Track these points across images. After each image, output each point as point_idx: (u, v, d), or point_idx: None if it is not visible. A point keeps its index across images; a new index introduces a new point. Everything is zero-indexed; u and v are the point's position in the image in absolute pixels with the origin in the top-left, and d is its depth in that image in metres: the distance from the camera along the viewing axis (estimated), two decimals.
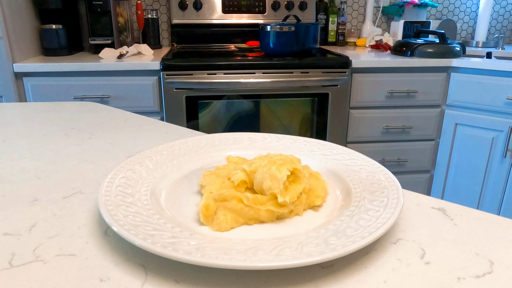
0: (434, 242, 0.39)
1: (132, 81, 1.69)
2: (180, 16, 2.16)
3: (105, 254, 0.37)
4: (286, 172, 0.42)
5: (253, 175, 0.44)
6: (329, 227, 0.38)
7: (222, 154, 0.58)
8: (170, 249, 0.33)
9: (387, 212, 0.39)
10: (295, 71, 1.71)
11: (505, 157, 1.79)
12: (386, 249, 0.38)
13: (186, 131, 0.76)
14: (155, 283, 0.33)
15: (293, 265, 0.32)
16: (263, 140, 0.61)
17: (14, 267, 0.35)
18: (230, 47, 2.18)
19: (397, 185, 0.45)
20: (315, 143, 0.59)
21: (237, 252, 0.34)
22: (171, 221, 0.39)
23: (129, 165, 0.50)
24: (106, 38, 1.89)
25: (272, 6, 2.21)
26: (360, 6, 2.41)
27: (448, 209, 0.46)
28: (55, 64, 1.65)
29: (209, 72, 1.67)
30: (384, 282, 0.34)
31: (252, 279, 0.34)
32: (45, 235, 0.40)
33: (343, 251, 0.33)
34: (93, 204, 0.47)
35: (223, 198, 0.41)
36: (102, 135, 0.74)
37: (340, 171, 0.51)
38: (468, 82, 1.81)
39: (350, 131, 1.88)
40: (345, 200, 0.45)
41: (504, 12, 2.53)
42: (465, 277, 0.34)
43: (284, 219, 0.42)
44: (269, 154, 0.46)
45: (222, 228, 0.40)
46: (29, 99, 1.69)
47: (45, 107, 0.95)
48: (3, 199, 0.48)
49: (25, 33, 1.77)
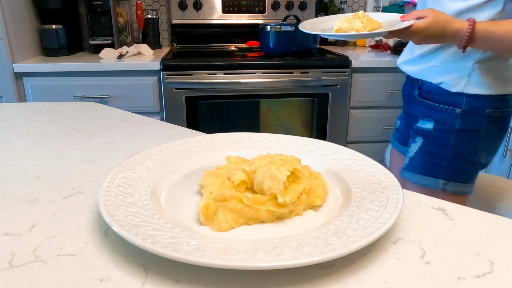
0: (434, 242, 0.39)
1: (132, 81, 1.69)
2: (180, 16, 2.16)
3: (105, 254, 0.37)
4: (286, 172, 0.42)
5: (253, 175, 0.44)
6: (329, 227, 0.38)
7: (222, 154, 0.58)
8: (170, 249, 0.33)
9: (387, 212, 0.39)
10: (295, 71, 1.71)
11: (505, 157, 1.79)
12: (386, 249, 0.38)
13: (186, 131, 0.76)
14: (155, 283, 0.33)
15: (293, 265, 0.32)
16: (263, 140, 0.61)
17: (14, 267, 0.35)
18: (230, 47, 2.18)
19: (397, 185, 0.45)
20: (315, 143, 0.59)
21: (237, 252, 0.34)
22: (171, 221, 0.39)
23: (129, 165, 0.50)
24: (106, 38, 1.89)
25: (272, 6, 2.21)
26: (360, 6, 2.41)
27: (448, 209, 0.46)
28: (55, 64, 1.65)
29: (209, 72, 1.67)
30: (384, 282, 0.34)
31: (252, 279, 0.34)
32: (45, 235, 0.40)
33: (343, 251, 0.33)
34: (93, 204, 0.47)
35: (223, 198, 0.41)
36: (102, 135, 0.74)
37: (340, 171, 0.51)
38: None
39: (350, 131, 1.88)
40: (345, 200, 0.45)
41: None
42: (465, 277, 0.34)
43: (284, 219, 0.42)
44: (269, 154, 0.46)
45: (222, 228, 0.40)
46: (29, 99, 1.69)
47: (45, 107, 0.95)
48: (3, 199, 0.48)
49: (25, 33, 1.77)
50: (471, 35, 0.83)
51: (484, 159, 0.98)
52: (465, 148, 0.96)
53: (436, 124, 0.98)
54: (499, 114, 0.95)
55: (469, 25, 0.83)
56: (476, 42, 0.85)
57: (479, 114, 0.94)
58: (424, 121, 1.00)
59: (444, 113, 0.97)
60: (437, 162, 0.98)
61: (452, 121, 0.95)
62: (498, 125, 0.97)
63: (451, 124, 0.95)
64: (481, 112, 0.94)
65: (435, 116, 0.98)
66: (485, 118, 0.94)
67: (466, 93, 0.94)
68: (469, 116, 0.94)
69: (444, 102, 0.97)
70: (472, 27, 0.83)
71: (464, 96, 0.94)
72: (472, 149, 0.96)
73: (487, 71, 0.93)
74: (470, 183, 1.00)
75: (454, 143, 0.95)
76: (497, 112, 0.94)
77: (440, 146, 0.97)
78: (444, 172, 0.98)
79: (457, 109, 0.95)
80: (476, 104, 0.93)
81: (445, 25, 0.84)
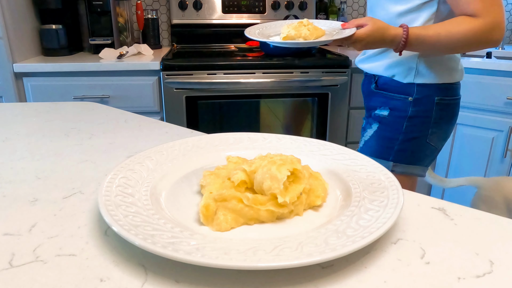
0: (434, 242, 0.39)
1: (132, 81, 1.69)
2: (180, 16, 2.16)
3: (105, 254, 0.37)
4: (286, 173, 0.42)
5: (253, 175, 0.44)
6: (329, 227, 0.38)
7: (222, 154, 0.57)
8: (170, 249, 0.33)
9: (387, 212, 0.39)
10: (295, 71, 1.71)
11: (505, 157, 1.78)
12: (386, 249, 0.38)
13: (186, 131, 0.76)
14: (155, 283, 0.33)
15: (293, 265, 0.32)
16: (263, 140, 0.61)
17: (14, 267, 0.35)
18: (230, 47, 2.17)
19: (397, 185, 0.45)
20: (315, 143, 0.59)
21: (237, 252, 0.34)
22: (171, 221, 0.39)
23: (129, 165, 0.50)
24: (106, 38, 1.89)
25: (272, 6, 2.21)
26: (360, 6, 2.41)
27: (448, 209, 0.46)
28: (55, 64, 1.65)
29: (209, 72, 1.67)
30: (384, 282, 0.34)
31: (252, 279, 0.34)
32: (45, 235, 0.40)
33: (343, 251, 0.33)
34: (93, 204, 0.47)
35: (223, 198, 0.41)
36: (102, 135, 0.74)
37: (340, 171, 0.51)
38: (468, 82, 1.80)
39: (350, 131, 1.88)
40: (345, 200, 0.45)
41: None
42: (465, 277, 0.34)
43: (284, 219, 0.42)
44: (269, 154, 0.46)
45: (222, 228, 0.40)
46: (29, 99, 1.69)
47: (45, 107, 0.95)
48: (3, 199, 0.48)
49: (25, 33, 1.77)
50: (406, 40, 0.91)
51: (434, 143, 1.06)
52: (416, 132, 1.05)
53: (391, 111, 1.07)
54: (447, 101, 1.04)
55: (404, 31, 0.91)
56: (411, 46, 0.93)
57: (429, 101, 1.03)
58: (381, 109, 1.10)
59: (398, 101, 1.06)
60: (389, 145, 1.07)
61: (405, 108, 1.04)
62: (446, 111, 1.05)
63: (404, 111, 1.04)
64: (430, 99, 1.02)
65: (390, 104, 1.07)
66: (435, 105, 1.03)
67: (416, 83, 1.02)
68: (420, 103, 1.03)
69: (398, 92, 1.06)
70: (407, 32, 0.91)
71: (415, 86, 1.03)
72: (423, 134, 1.05)
73: (433, 63, 1.01)
74: (420, 166, 1.09)
75: (406, 128, 1.04)
76: (446, 100, 1.03)
77: (393, 131, 1.06)
78: (395, 155, 1.07)
79: (409, 98, 1.03)
80: (425, 93, 1.02)
81: (383, 33, 0.91)
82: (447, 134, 1.11)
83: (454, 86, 1.05)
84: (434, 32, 0.91)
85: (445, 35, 0.90)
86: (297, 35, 0.93)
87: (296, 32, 0.93)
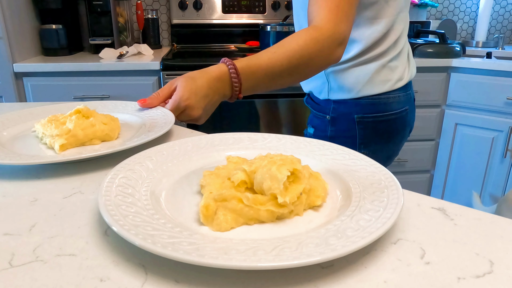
0: (434, 242, 0.39)
1: (132, 81, 1.69)
2: (180, 16, 2.16)
3: (105, 254, 0.37)
4: (286, 173, 0.42)
5: (253, 175, 0.44)
6: (329, 227, 0.38)
7: (222, 154, 0.57)
8: (170, 249, 0.33)
9: (387, 212, 0.39)
10: None
11: (505, 157, 1.79)
12: (386, 249, 0.38)
13: (186, 131, 0.76)
14: (155, 283, 0.33)
15: (293, 265, 0.32)
16: (263, 140, 0.61)
17: (14, 267, 0.35)
18: (230, 47, 2.17)
19: (397, 185, 0.45)
20: (315, 143, 0.59)
21: (237, 252, 0.34)
22: (171, 221, 0.39)
23: (129, 165, 0.50)
24: (106, 38, 1.89)
25: (272, 6, 2.21)
26: None
27: (448, 209, 0.46)
28: (55, 64, 1.65)
29: None
30: (384, 282, 0.34)
31: (252, 279, 0.34)
32: (45, 235, 0.40)
33: (343, 251, 0.33)
34: (93, 204, 0.47)
35: (223, 198, 0.41)
36: None
37: (340, 171, 0.51)
38: (468, 82, 1.80)
39: None
40: (345, 200, 0.45)
41: (504, 12, 2.53)
42: (465, 277, 0.34)
43: (284, 219, 0.42)
44: (269, 154, 0.46)
45: (222, 228, 0.40)
46: (29, 99, 1.69)
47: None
48: (3, 199, 0.48)
49: (25, 33, 1.77)
50: (237, 73, 0.73)
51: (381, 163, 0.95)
52: None
53: (315, 130, 0.97)
54: (372, 119, 0.89)
55: (227, 64, 0.74)
56: (248, 81, 0.74)
57: (348, 119, 0.90)
58: (308, 127, 1.00)
59: (318, 119, 0.95)
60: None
61: (325, 128, 0.93)
62: (376, 130, 0.90)
63: (324, 130, 0.93)
64: (349, 117, 0.89)
65: (313, 122, 0.98)
66: (355, 124, 0.89)
67: (332, 99, 0.91)
68: (337, 122, 0.91)
69: (318, 109, 0.95)
70: (233, 64, 0.73)
71: (332, 103, 0.91)
72: None
73: (344, 76, 0.89)
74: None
75: None
76: (369, 118, 0.89)
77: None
78: None
79: (327, 116, 0.92)
80: (342, 110, 0.90)
81: (204, 79, 0.73)
82: (389, 153, 0.95)
83: (382, 101, 0.88)
84: (267, 53, 0.75)
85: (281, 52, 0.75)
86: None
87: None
